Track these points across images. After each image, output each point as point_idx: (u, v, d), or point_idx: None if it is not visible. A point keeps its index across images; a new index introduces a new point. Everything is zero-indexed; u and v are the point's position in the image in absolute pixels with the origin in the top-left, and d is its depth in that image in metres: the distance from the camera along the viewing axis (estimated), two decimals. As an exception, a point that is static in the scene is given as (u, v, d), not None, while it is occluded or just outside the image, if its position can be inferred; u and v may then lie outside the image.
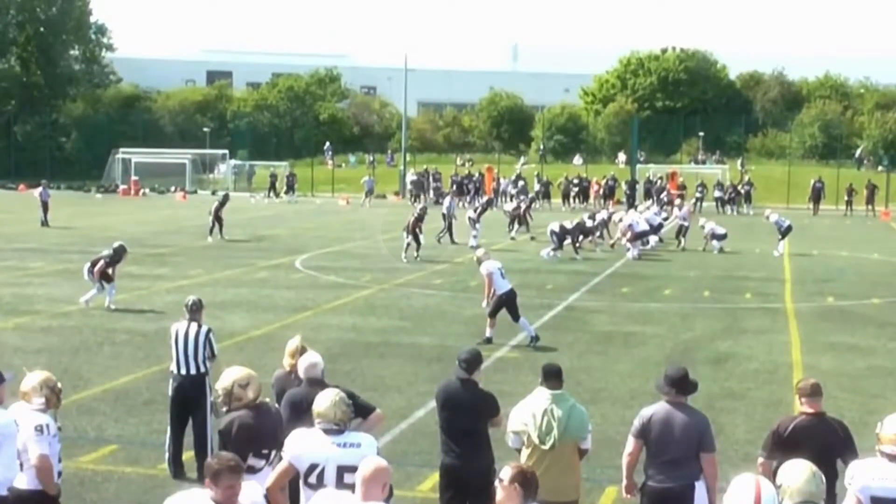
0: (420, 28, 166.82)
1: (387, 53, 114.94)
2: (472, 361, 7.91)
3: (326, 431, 6.40)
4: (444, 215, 32.53)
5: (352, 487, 6.07)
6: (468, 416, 7.76)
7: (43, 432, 6.84)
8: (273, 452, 6.71)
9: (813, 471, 5.35)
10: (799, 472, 5.34)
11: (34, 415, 6.94)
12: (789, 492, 5.27)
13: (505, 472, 5.14)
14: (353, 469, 5.80)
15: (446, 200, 34.51)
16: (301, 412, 7.26)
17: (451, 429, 7.85)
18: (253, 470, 6.67)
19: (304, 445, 6.40)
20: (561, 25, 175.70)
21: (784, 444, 7.01)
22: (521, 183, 51.20)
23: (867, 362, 15.58)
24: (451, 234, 32.28)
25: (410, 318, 18.91)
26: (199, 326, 10.30)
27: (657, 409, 7.41)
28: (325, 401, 6.50)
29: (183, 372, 10.17)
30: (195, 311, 10.47)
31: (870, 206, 49.63)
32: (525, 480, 5.12)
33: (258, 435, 6.72)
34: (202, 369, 10.17)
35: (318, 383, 7.63)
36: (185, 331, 10.22)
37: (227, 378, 6.99)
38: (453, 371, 8.03)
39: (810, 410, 7.28)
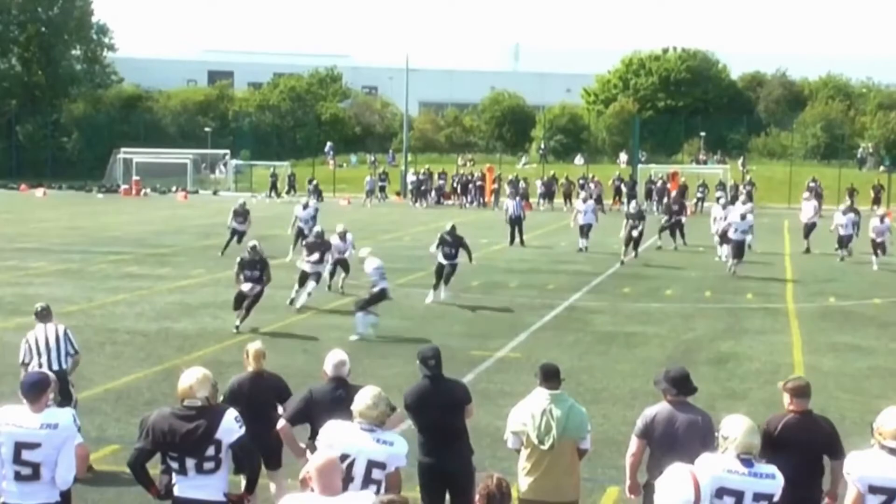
0: (421, 28, 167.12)
1: (388, 53, 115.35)
2: (439, 357, 7.96)
3: (362, 427, 6.56)
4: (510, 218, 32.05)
5: (377, 483, 6.34)
6: (448, 412, 7.76)
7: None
8: (187, 459, 6.59)
9: (753, 424, 6.15)
10: (740, 425, 6.10)
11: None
12: (734, 444, 6.03)
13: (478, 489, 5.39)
14: (381, 465, 6.43)
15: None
16: (322, 410, 7.26)
17: (430, 428, 7.80)
18: (171, 470, 6.72)
19: (339, 435, 6.53)
20: (562, 25, 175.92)
21: (774, 442, 7.03)
22: (522, 185, 51.12)
23: (868, 363, 15.59)
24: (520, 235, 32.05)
25: (412, 318, 18.89)
26: (56, 326, 10.54)
27: (660, 408, 7.41)
28: (365, 399, 6.63)
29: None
30: (45, 315, 10.65)
31: (875, 207, 49.58)
32: (491, 501, 5.36)
33: (172, 437, 6.60)
34: (63, 366, 10.30)
35: (342, 382, 7.70)
36: (44, 334, 10.41)
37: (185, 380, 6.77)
38: (420, 371, 7.99)
39: (798, 409, 7.28)
